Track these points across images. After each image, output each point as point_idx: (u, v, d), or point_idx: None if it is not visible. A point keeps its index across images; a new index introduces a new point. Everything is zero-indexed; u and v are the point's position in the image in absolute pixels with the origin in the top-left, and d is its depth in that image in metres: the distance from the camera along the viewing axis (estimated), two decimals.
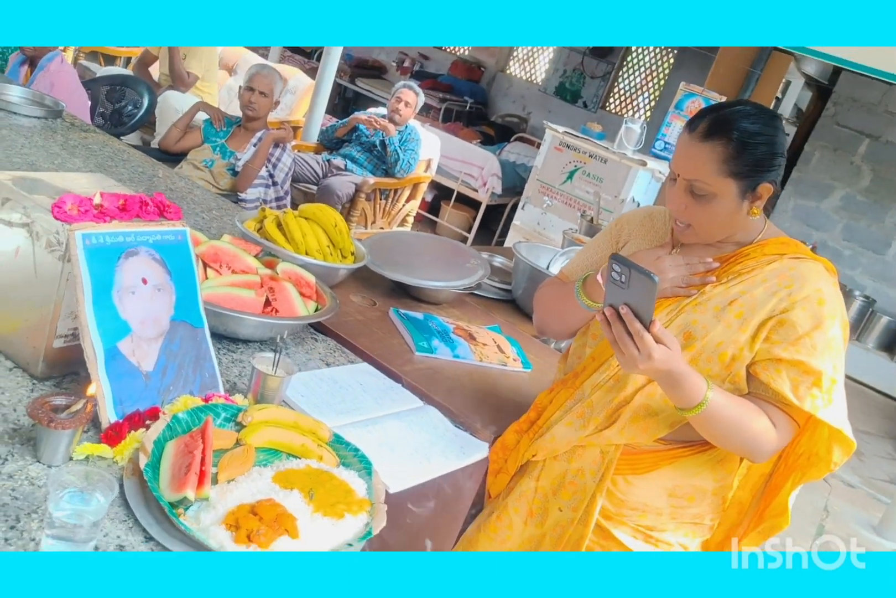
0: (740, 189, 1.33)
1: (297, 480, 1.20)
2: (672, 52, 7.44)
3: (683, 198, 1.37)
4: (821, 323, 1.33)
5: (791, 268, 1.38)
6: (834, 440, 1.38)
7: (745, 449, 1.38)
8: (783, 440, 1.37)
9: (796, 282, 1.36)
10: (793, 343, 1.33)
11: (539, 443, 1.52)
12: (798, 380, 1.32)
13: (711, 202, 1.35)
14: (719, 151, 1.31)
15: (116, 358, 1.23)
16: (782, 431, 1.35)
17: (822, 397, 1.32)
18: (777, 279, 1.37)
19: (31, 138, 2.47)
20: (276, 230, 1.92)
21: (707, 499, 1.49)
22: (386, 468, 1.37)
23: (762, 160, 1.32)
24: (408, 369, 1.75)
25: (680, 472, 1.47)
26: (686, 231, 1.41)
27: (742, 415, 1.32)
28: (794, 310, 1.34)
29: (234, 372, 1.53)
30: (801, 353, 1.32)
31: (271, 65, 4.38)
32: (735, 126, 1.31)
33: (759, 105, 1.40)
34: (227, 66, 5.57)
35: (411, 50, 8.93)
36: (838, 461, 1.39)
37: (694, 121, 1.36)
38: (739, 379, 1.37)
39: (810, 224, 6.23)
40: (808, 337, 1.32)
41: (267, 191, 3.47)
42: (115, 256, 1.24)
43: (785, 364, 1.33)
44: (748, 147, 1.31)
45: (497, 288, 2.55)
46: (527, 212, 5.20)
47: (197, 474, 1.12)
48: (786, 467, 1.46)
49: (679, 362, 1.26)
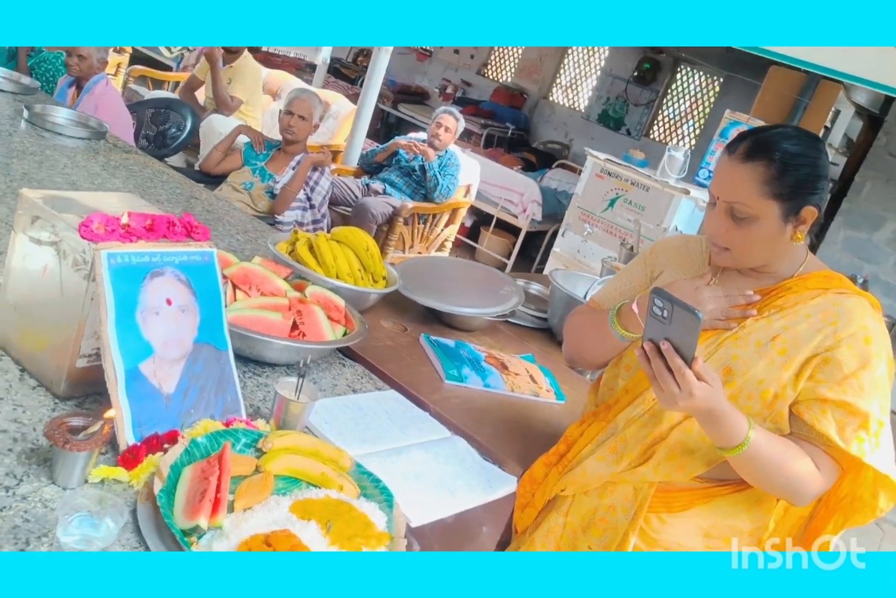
0: (783, 212, 1.29)
1: (315, 510, 1.16)
2: (718, 80, 7.38)
3: (724, 221, 1.32)
4: (868, 362, 1.27)
5: (835, 303, 1.32)
6: (880, 485, 1.31)
7: (786, 492, 1.32)
8: (827, 484, 1.30)
9: (841, 318, 1.30)
10: (839, 383, 1.27)
11: (569, 477, 1.47)
12: (844, 422, 1.26)
13: (752, 225, 1.30)
14: (761, 172, 1.27)
15: (137, 379, 1.21)
16: (826, 474, 1.29)
17: (869, 440, 1.26)
18: (821, 315, 1.31)
19: (74, 159, 2.51)
20: (307, 253, 1.90)
21: (744, 540, 1.41)
22: (409, 500, 1.33)
23: (805, 182, 1.28)
24: (436, 398, 1.71)
25: (716, 511, 1.41)
26: (724, 255, 1.36)
27: (784, 456, 1.26)
28: (839, 348, 1.28)
29: (259, 396, 1.51)
30: (847, 393, 1.26)
31: (313, 89, 4.42)
32: (777, 147, 1.27)
33: (800, 128, 1.36)
34: (271, 91, 5.64)
35: (454, 76, 9.00)
36: (884, 508, 1.32)
37: (734, 143, 1.32)
38: (781, 418, 1.31)
39: (861, 257, 6.06)
40: (855, 377, 1.26)
41: (304, 214, 3.48)
42: (141, 276, 1.23)
43: (830, 405, 1.27)
44: (790, 168, 1.27)
45: (533, 316, 2.50)
46: (567, 239, 5.14)
47: (212, 501, 1.09)
48: (826, 510, 1.39)
49: (721, 400, 1.20)
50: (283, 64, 7.91)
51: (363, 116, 4.93)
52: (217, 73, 4.65)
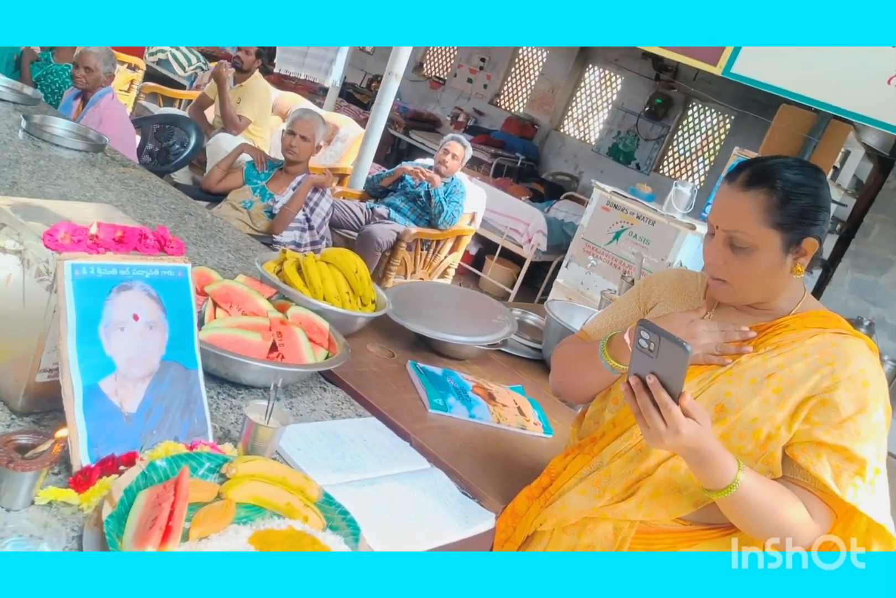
0: (783, 242, 1.24)
1: (275, 542, 1.10)
2: (729, 118, 7.38)
3: (722, 252, 1.27)
4: (865, 406, 1.22)
5: (833, 344, 1.27)
6: (874, 535, 1.24)
7: (776, 538, 1.24)
8: (820, 530, 1.23)
9: (839, 359, 1.25)
10: (836, 427, 1.21)
11: (548, 511, 1.40)
12: (840, 467, 1.20)
13: (752, 255, 1.25)
14: (762, 200, 1.23)
15: (97, 397, 1.16)
16: (819, 520, 1.22)
17: (865, 487, 1.20)
18: (818, 355, 1.26)
19: (68, 170, 2.48)
20: (294, 273, 1.85)
21: None
22: (378, 534, 1.26)
23: (807, 212, 1.24)
24: (418, 427, 1.64)
25: None
26: (722, 288, 1.30)
27: (775, 501, 1.20)
28: (837, 390, 1.22)
29: (231, 419, 1.44)
30: (844, 438, 1.20)
31: (320, 111, 4.42)
32: (778, 176, 1.23)
33: (801, 159, 1.33)
34: (281, 112, 5.65)
35: (467, 105, 9.04)
36: None
37: (734, 172, 1.28)
38: (774, 460, 1.25)
39: (867, 299, 5.99)
40: (852, 421, 1.21)
41: (303, 235, 3.44)
42: (107, 290, 1.18)
43: (826, 449, 1.21)
44: (792, 197, 1.22)
45: (527, 346, 2.44)
46: (570, 270, 5.09)
47: (162, 529, 1.02)
48: None
49: (709, 439, 1.15)
50: (296, 87, 7.96)
51: (371, 141, 4.92)
52: (224, 92, 4.66)
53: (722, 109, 7.43)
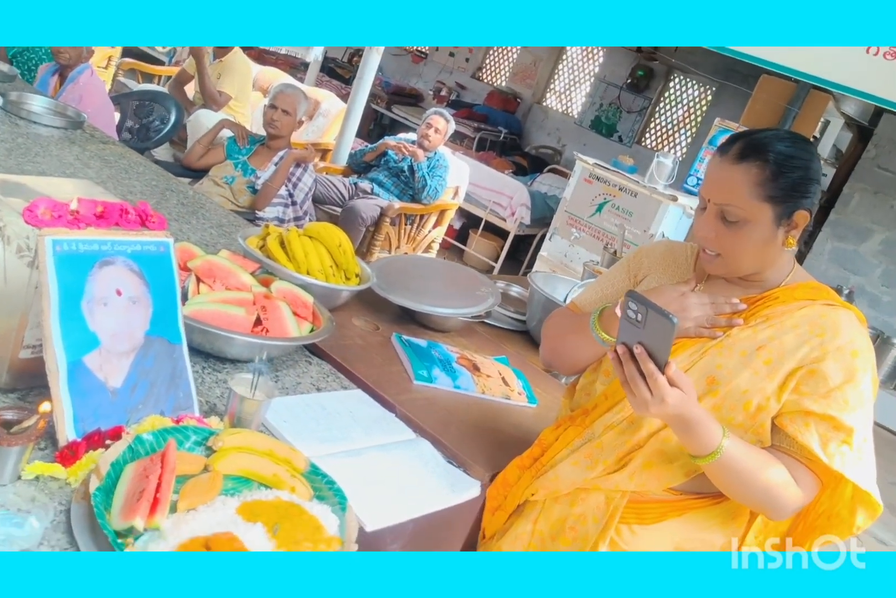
0: (775, 215, 1.25)
1: (263, 512, 1.11)
2: (710, 89, 7.36)
3: (714, 225, 1.28)
4: (853, 376, 1.23)
5: (823, 315, 1.28)
6: (858, 502, 1.27)
7: (761, 504, 1.28)
8: (806, 498, 1.26)
9: (829, 330, 1.26)
10: (824, 396, 1.23)
11: (540, 481, 1.42)
12: (828, 436, 1.22)
13: (744, 229, 1.26)
14: (754, 173, 1.23)
15: (81, 372, 1.16)
16: (805, 488, 1.25)
17: (852, 455, 1.22)
18: (808, 326, 1.27)
19: (47, 148, 2.45)
20: (278, 248, 1.85)
21: None
22: (365, 504, 1.28)
23: (798, 185, 1.24)
24: (403, 399, 1.66)
25: (689, 525, 1.37)
26: (714, 261, 1.31)
27: (760, 467, 1.22)
28: (825, 360, 1.24)
29: (217, 393, 1.45)
30: (832, 407, 1.22)
31: (302, 86, 4.37)
32: (771, 148, 1.23)
33: (792, 131, 1.33)
34: (261, 88, 5.59)
35: (449, 79, 8.97)
36: (861, 526, 1.28)
37: (726, 145, 1.28)
38: (763, 430, 1.27)
39: (848, 268, 6.04)
40: (840, 391, 1.23)
41: (286, 210, 3.43)
42: (88, 265, 1.18)
43: (814, 418, 1.23)
44: (784, 170, 1.23)
45: (511, 318, 2.46)
46: (554, 243, 5.11)
47: (149, 501, 1.03)
48: (805, 526, 1.35)
49: (693, 406, 1.17)
50: (277, 62, 7.87)
51: (353, 116, 4.89)
52: (203, 68, 4.60)
53: (703, 81, 7.41)
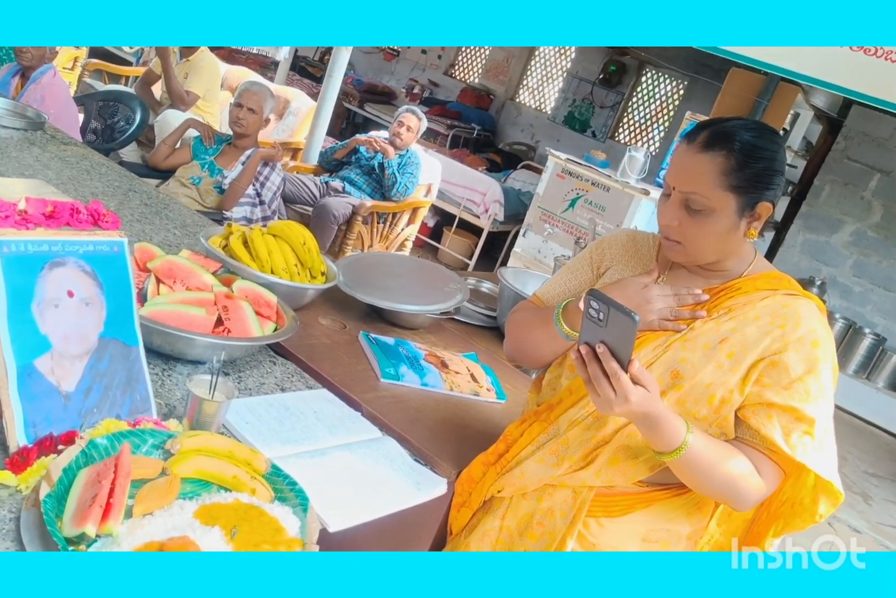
0: (739, 205, 1.24)
1: (221, 515, 1.09)
2: (682, 83, 7.40)
3: (678, 213, 1.27)
4: (814, 367, 1.24)
5: (784, 305, 1.28)
6: (821, 491, 1.28)
7: (725, 496, 1.28)
8: (768, 489, 1.26)
9: (790, 321, 1.26)
10: (786, 388, 1.23)
11: (506, 478, 1.41)
12: (790, 427, 1.23)
13: (708, 218, 1.25)
14: (719, 162, 1.22)
15: (32, 376, 1.13)
16: (768, 479, 1.25)
17: (814, 446, 1.23)
18: (770, 317, 1.27)
19: (5, 149, 2.41)
20: (241, 247, 1.83)
21: (681, 544, 1.38)
22: (329, 504, 1.26)
23: (763, 176, 1.24)
24: (370, 397, 1.64)
25: (655, 516, 1.37)
26: (676, 248, 1.30)
27: (723, 461, 1.22)
28: (787, 351, 1.24)
29: (177, 395, 1.43)
30: (794, 398, 1.23)
31: (270, 84, 4.34)
32: (737, 138, 1.23)
33: (760, 122, 1.33)
34: (230, 87, 5.54)
35: (421, 76, 8.95)
36: (824, 514, 1.29)
37: (693, 133, 1.27)
38: (727, 424, 1.27)
39: (819, 259, 6.10)
40: (801, 382, 1.23)
41: (254, 210, 3.40)
42: (38, 267, 1.15)
43: (777, 410, 1.24)
44: (750, 160, 1.22)
45: (481, 314, 2.45)
46: (528, 239, 5.11)
47: (102, 506, 1.01)
48: (768, 515, 1.36)
49: (657, 404, 1.16)
50: (247, 61, 7.81)
51: (323, 114, 4.86)
52: (169, 67, 4.56)
53: (675, 75, 7.45)
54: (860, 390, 5.68)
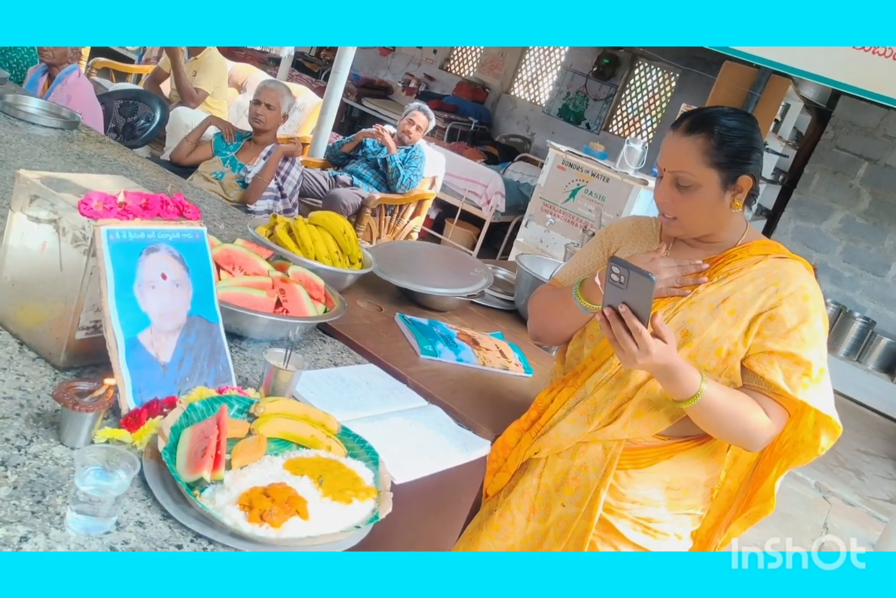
0: (722, 180, 1.41)
1: (307, 467, 1.25)
2: (674, 75, 7.56)
3: (669, 191, 1.45)
4: (807, 317, 1.41)
5: (776, 267, 1.46)
6: (821, 426, 1.46)
7: (740, 438, 1.44)
8: (777, 428, 1.43)
9: (782, 280, 1.43)
10: (783, 336, 1.40)
11: (542, 440, 1.56)
12: (790, 370, 1.40)
13: (695, 193, 1.42)
14: (701, 143, 1.40)
15: (136, 349, 1.29)
16: (775, 419, 1.42)
17: (813, 385, 1.40)
18: (764, 278, 1.44)
19: (49, 147, 2.55)
20: (286, 236, 1.98)
21: (700, 490, 1.55)
22: (391, 461, 1.41)
23: (741, 153, 1.41)
24: (413, 371, 1.80)
25: (677, 465, 1.52)
26: (672, 224, 1.48)
27: (736, 404, 1.39)
28: (782, 306, 1.41)
29: (246, 369, 1.59)
30: (791, 345, 1.40)
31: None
32: (716, 122, 1.41)
33: (736, 108, 1.50)
34: (236, 84, 5.68)
35: (417, 71, 9.08)
36: (825, 446, 1.47)
37: (678, 121, 1.46)
38: (735, 373, 1.44)
39: (810, 246, 6.29)
40: (797, 330, 1.40)
41: (276, 203, 3.55)
42: (137, 252, 1.30)
43: (777, 356, 1.40)
44: (727, 140, 1.40)
45: (500, 298, 2.61)
46: (530, 229, 5.27)
47: (213, 457, 1.17)
48: (771, 455, 1.54)
49: (675, 356, 1.32)
50: (246, 57, 7.91)
51: (330, 109, 4.99)
52: (179, 65, 4.68)
53: (667, 68, 7.61)
54: (851, 371, 5.89)
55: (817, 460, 1.53)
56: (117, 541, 1.03)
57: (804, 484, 4.15)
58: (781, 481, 1.54)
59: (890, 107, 4.52)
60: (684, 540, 1.56)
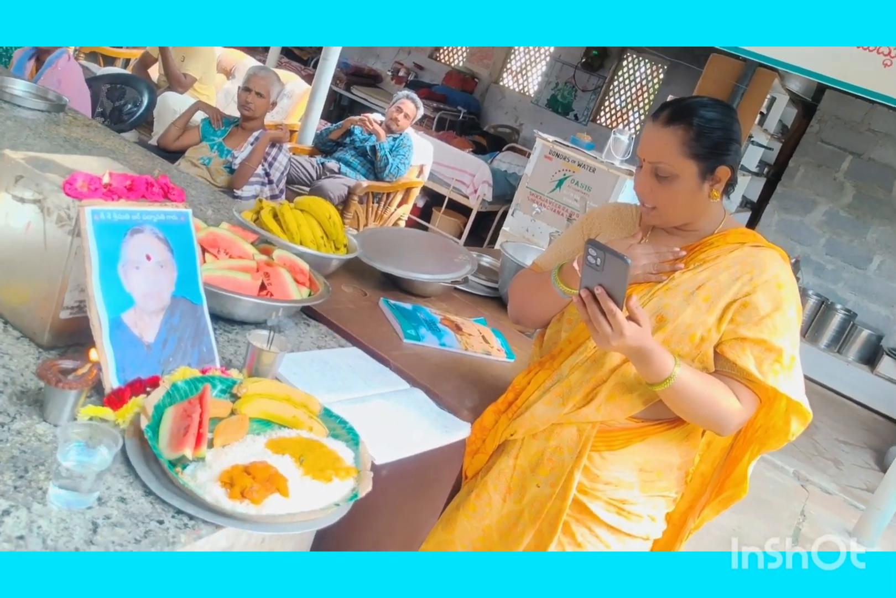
0: (700, 170, 1.43)
1: (288, 446, 1.27)
2: (662, 68, 7.58)
3: (649, 181, 1.46)
4: (780, 305, 1.43)
5: (751, 255, 1.48)
6: (792, 412, 1.48)
7: (711, 421, 1.46)
8: (747, 413, 1.46)
9: (757, 268, 1.46)
10: (756, 323, 1.42)
11: (518, 422, 1.59)
12: (762, 357, 1.42)
13: (674, 183, 1.44)
14: (680, 135, 1.42)
15: (120, 328, 1.30)
16: (746, 404, 1.44)
17: (783, 372, 1.42)
18: (739, 266, 1.46)
19: (36, 130, 2.55)
20: (272, 220, 1.99)
21: (673, 473, 1.57)
22: (373, 442, 1.43)
23: (719, 144, 1.43)
24: (396, 355, 1.82)
25: (650, 448, 1.55)
26: (652, 213, 1.50)
27: (708, 389, 1.42)
28: (755, 293, 1.43)
29: (230, 351, 1.60)
30: (763, 332, 1.42)
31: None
32: (695, 113, 1.42)
33: (716, 99, 1.51)
34: (224, 70, 5.65)
35: (407, 59, 9.05)
36: (796, 432, 1.49)
37: (657, 112, 1.47)
38: (707, 358, 1.46)
39: (794, 238, 6.34)
40: (769, 318, 1.42)
41: (263, 189, 3.55)
42: (122, 233, 1.32)
43: (749, 343, 1.43)
44: (706, 131, 1.41)
45: (484, 285, 2.63)
46: (516, 219, 5.29)
47: (195, 435, 1.19)
48: (744, 441, 1.57)
49: (648, 339, 1.35)
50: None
51: (318, 96, 4.98)
52: (167, 51, 4.66)
53: (655, 60, 7.63)
54: (832, 363, 5.96)
55: (796, 449, 1.56)
56: (99, 516, 1.05)
57: (783, 472, 4.21)
58: (759, 469, 1.58)
59: (875, 101, 4.56)
60: (658, 522, 1.59)
